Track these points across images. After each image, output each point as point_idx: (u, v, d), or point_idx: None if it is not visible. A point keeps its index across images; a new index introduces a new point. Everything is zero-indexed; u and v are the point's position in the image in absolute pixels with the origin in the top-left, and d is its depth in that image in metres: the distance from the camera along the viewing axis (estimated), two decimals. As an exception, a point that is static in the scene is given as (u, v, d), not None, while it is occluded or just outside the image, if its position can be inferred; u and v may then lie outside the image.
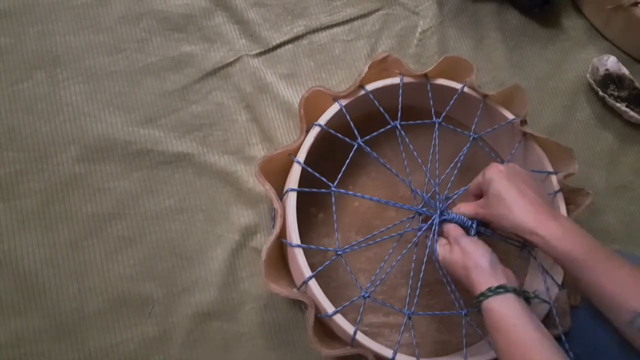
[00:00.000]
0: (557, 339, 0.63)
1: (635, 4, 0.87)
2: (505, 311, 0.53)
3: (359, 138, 0.70)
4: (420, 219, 0.68)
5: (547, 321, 0.65)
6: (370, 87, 0.72)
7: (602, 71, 0.89)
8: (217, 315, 0.71)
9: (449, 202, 0.69)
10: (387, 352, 0.60)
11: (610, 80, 0.89)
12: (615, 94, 0.89)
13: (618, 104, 0.88)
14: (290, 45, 0.86)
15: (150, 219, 0.73)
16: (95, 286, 0.69)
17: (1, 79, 0.75)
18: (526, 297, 0.57)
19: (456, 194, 0.70)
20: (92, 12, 0.81)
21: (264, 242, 0.74)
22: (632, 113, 0.88)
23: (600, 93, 0.89)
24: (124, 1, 0.82)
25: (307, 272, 0.62)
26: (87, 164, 0.74)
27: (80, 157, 0.74)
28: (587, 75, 0.91)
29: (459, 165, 0.72)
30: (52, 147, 0.74)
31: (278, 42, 0.85)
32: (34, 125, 0.74)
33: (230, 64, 0.82)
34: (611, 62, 0.89)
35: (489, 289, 0.54)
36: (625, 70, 0.89)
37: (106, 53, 0.79)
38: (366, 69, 0.70)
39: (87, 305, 0.68)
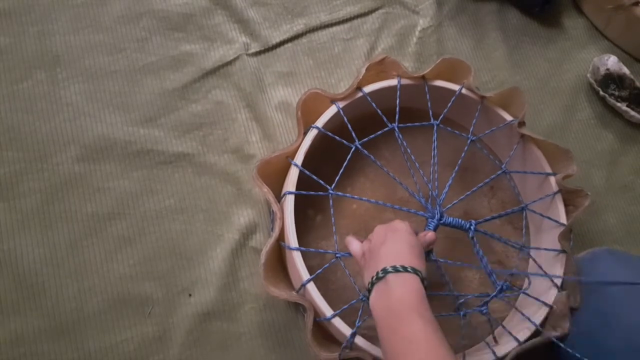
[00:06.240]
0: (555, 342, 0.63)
1: (636, 4, 0.87)
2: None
3: (356, 140, 0.69)
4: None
5: (545, 324, 0.65)
6: (368, 89, 0.72)
7: (602, 71, 0.89)
8: (216, 315, 0.71)
9: (448, 207, 0.69)
10: None
11: (610, 79, 0.89)
12: (616, 93, 0.89)
13: (619, 104, 0.88)
14: (289, 44, 0.86)
15: (150, 219, 0.73)
16: (94, 286, 0.69)
17: (1, 79, 0.75)
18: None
19: (459, 200, 0.70)
20: (92, 12, 0.81)
21: (264, 242, 0.74)
22: (632, 113, 0.87)
23: (601, 93, 0.89)
24: (123, 1, 0.82)
25: (306, 275, 0.62)
26: (86, 164, 0.74)
27: (80, 157, 0.74)
28: (588, 75, 0.91)
29: (456, 168, 0.71)
30: (52, 147, 0.74)
31: (278, 40, 0.85)
32: (33, 125, 0.74)
33: (230, 62, 0.82)
34: (612, 62, 0.89)
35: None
36: (625, 70, 0.89)
37: (106, 53, 0.79)
38: (364, 70, 0.70)
39: (86, 305, 0.68)
